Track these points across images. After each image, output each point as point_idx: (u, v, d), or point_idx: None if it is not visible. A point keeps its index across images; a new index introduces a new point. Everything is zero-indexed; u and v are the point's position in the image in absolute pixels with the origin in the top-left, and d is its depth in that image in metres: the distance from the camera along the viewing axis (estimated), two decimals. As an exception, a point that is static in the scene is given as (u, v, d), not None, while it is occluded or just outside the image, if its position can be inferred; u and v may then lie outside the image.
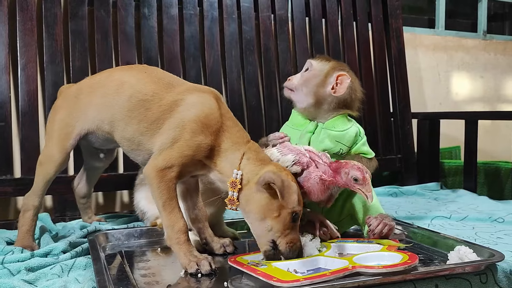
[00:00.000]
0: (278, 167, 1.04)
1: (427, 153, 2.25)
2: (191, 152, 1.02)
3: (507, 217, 1.51)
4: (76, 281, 1.01)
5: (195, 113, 1.05)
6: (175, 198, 1.03)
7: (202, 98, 1.08)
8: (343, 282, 0.89)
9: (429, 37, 2.68)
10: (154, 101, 1.09)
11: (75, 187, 1.46)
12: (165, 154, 1.03)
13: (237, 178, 1.01)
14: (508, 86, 2.97)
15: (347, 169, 1.07)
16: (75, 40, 1.71)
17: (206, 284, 0.97)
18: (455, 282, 0.96)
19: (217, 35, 1.94)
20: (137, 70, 1.19)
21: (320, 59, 1.32)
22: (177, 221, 1.02)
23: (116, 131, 1.15)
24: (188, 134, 1.03)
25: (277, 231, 1.00)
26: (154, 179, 1.02)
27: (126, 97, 1.12)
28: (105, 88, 1.17)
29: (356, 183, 1.07)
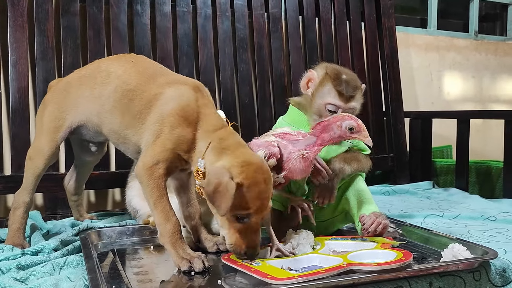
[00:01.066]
0: (237, 162, 0.96)
1: (419, 152, 2.26)
2: (172, 145, 1.02)
3: (499, 216, 1.52)
4: (68, 279, 1.00)
5: (172, 106, 1.05)
6: (165, 195, 1.03)
7: (179, 91, 1.08)
8: (338, 279, 0.89)
9: (422, 36, 2.69)
10: (136, 92, 1.09)
11: (66, 185, 1.45)
12: (150, 150, 1.03)
13: (199, 168, 1.00)
14: (498, 86, 2.99)
15: (338, 122, 1.06)
16: (66, 36, 1.70)
17: (199, 282, 0.96)
18: (449, 280, 0.96)
19: (211, 33, 1.93)
20: (124, 59, 1.19)
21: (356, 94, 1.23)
22: (169, 219, 1.01)
23: (103, 124, 1.15)
24: (167, 128, 1.03)
25: (222, 227, 0.99)
26: (144, 177, 1.02)
27: (112, 88, 1.12)
28: (93, 79, 1.17)
29: (352, 132, 1.05)
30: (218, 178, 0.93)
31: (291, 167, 1.07)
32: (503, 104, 3.00)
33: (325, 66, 1.26)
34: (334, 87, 1.19)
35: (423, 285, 0.94)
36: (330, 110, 1.20)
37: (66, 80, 1.25)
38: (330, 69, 1.24)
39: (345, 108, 1.20)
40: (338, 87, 1.19)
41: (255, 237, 0.99)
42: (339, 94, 1.19)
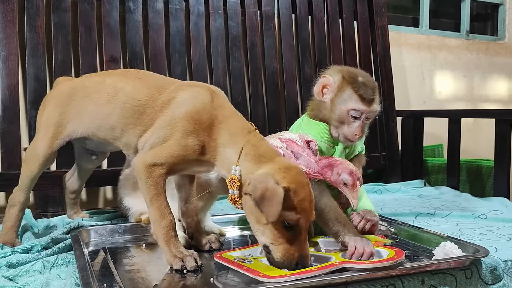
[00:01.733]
0: (278, 167, 0.93)
1: (411, 151, 2.27)
2: (181, 153, 1.00)
3: (489, 214, 1.53)
4: (59, 277, 0.99)
5: (186, 109, 1.01)
6: (163, 193, 1.01)
7: (193, 93, 1.05)
8: (331, 277, 0.89)
9: (414, 36, 2.70)
10: (148, 105, 1.06)
11: (66, 182, 1.44)
12: (155, 151, 1.01)
13: (235, 175, 0.96)
14: (489, 85, 3.01)
15: (340, 170, 1.06)
16: (57, 32, 1.68)
17: (191, 280, 0.95)
18: (441, 278, 0.97)
19: (203, 31, 1.93)
20: (130, 76, 1.15)
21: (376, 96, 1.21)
22: (165, 217, 1.00)
23: (115, 138, 1.12)
24: (179, 132, 1.00)
25: (268, 238, 0.93)
26: (143, 174, 1.00)
27: (121, 105, 1.09)
28: (99, 94, 1.14)
29: (344, 186, 1.05)
30: (264, 183, 0.90)
31: None
32: (494, 104, 3.02)
33: (339, 70, 1.22)
34: (354, 92, 1.16)
35: (415, 283, 0.95)
36: (353, 116, 1.17)
37: (73, 85, 1.21)
38: (346, 73, 1.19)
39: (368, 112, 1.17)
40: (359, 91, 1.16)
41: (305, 244, 0.94)
42: (361, 99, 1.16)
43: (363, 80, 1.18)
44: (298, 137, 1.14)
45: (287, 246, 0.91)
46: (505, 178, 1.84)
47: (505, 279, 1.03)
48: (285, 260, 0.91)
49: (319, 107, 1.25)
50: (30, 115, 1.62)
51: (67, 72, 1.65)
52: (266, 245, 0.94)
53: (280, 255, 0.92)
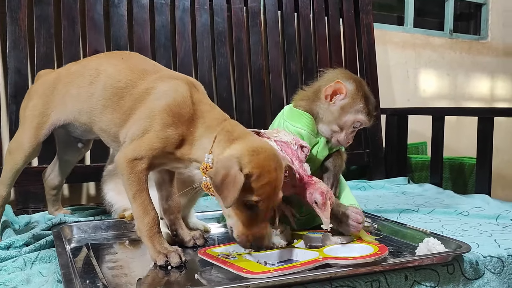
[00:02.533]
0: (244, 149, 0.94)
1: (395, 148, 2.29)
2: (160, 145, 0.99)
3: (471, 211, 1.55)
4: (40, 274, 0.98)
5: (166, 102, 1.01)
6: (145, 189, 1.00)
7: (174, 85, 1.04)
8: (315, 273, 0.89)
9: (398, 34, 2.72)
10: (127, 89, 1.06)
11: (46, 178, 1.42)
12: (135, 144, 1.00)
13: (208, 163, 0.97)
14: (472, 84, 3.05)
15: (312, 190, 1.07)
16: (40, 25, 1.65)
17: (175, 276, 0.95)
18: (424, 273, 0.98)
19: (189, 26, 1.91)
20: (115, 57, 1.15)
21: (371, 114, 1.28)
22: (148, 213, 0.99)
23: (93, 122, 1.12)
24: (158, 125, 0.99)
25: (231, 218, 0.96)
26: (125, 169, 0.99)
27: (101, 86, 1.09)
28: (82, 77, 1.13)
29: (316, 206, 1.06)
30: (226, 169, 0.91)
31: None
32: (476, 102, 3.07)
33: (353, 79, 1.27)
34: (365, 106, 1.25)
35: (398, 278, 0.95)
36: (354, 126, 1.25)
37: (56, 75, 1.21)
38: (359, 85, 1.26)
39: (367, 126, 1.28)
40: (369, 106, 1.25)
41: (263, 227, 0.96)
42: (368, 113, 1.26)
43: (370, 95, 1.28)
44: (293, 139, 1.15)
45: (244, 226, 0.95)
46: (487, 175, 1.86)
47: (486, 274, 1.04)
48: (240, 241, 0.96)
49: (315, 102, 1.27)
50: (11, 110, 1.59)
51: (49, 66, 1.63)
52: (230, 226, 0.97)
53: (237, 236, 0.96)
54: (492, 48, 3.10)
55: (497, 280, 1.05)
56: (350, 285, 0.91)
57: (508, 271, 1.07)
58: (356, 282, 0.92)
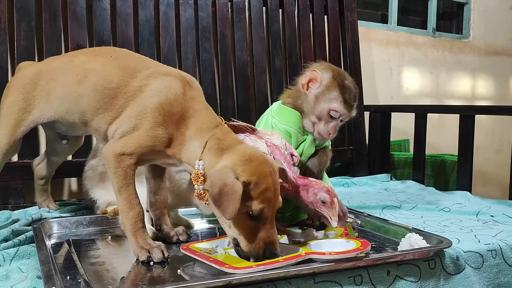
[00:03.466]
0: (239, 159, 0.92)
1: (378, 145, 2.30)
2: (149, 143, 0.98)
3: (452, 207, 1.57)
4: (19, 270, 0.96)
5: (159, 100, 0.99)
6: (132, 183, 0.99)
7: (167, 83, 1.02)
8: (299, 268, 0.89)
9: (382, 32, 2.74)
10: (119, 89, 1.03)
11: (35, 167, 1.39)
12: (125, 140, 0.99)
13: (199, 170, 0.95)
14: (454, 82, 3.08)
15: (316, 190, 1.06)
16: (20, 18, 1.62)
17: (158, 272, 0.94)
18: (406, 268, 0.99)
19: (173, 21, 1.90)
20: (101, 55, 1.11)
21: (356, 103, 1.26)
22: (133, 207, 0.98)
23: (85, 122, 1.08)
24: (149, 123, 0.98)
25: (234, 230, 0.93)
26: (112, 163, 0.98)
27: (91, 87, 1.05)
28: (66, 76, 1.09)
29: (323, 205, 1.06)
30: (222, 179, 0.88)
31: None
32: (458, 100, 3.10)
33: (331, 69, 1.25)
34: (340, 94, 1.21)
35: (381, 273, 0.96)
36: (332, 116, 1.22)
37: (36, 70, 1.16)
38: (336, 74, 1.24)
39: (346, 116, 1.23)
40: (344, 94, 1.21)
41: (272, 231, 0.92)
42: (344, 102, 1.21)
43: (349, 85, 1.23)
44: (284, 145, 1.14)
45: (253, 237, 0.91)
46: (468, 172, 1.89)
47: (466, 269, 1.05)
48: (252, 250, 0.91)
49: (299, 97, 1.27)
50: (-10, 104, 1.55)
51: (30, 59, 1.59)
52: (234, 238, 0.94)
53: (247, 246, 0.91)
54: (474, 47, 3.14)
55: (477, 275, 1.07)
56: (333, 280, 0.91)
57: (487, 266, 1.09)
58: (339, 277, 0.92)
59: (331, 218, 1.05)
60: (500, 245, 1.13)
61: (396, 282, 0.97)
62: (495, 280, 1.09)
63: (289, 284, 0.88)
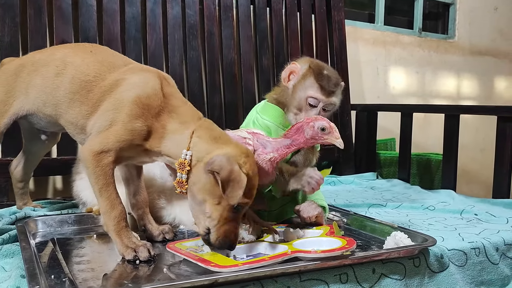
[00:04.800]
0: (238, 150, 0.95)
1: (364, 144, 2.32)
2: (128, 137, 0.97)
3: (437, 205, 1.59)
4: (2, 269, 0.95)
5: (136, 93, 0.99)
6: (112, 183, 0.98)
7: (144, 78, 1.03)
8: (285, 267, 0.89)
9: (369, 31, 2.76)
10: (96, 82, 1.03)
11: (13, 170, 1.37)
12: (102, 136, 0.98)
13: (185, 159, 0.96)
14: (439, 82, 3.11)
15: (311, 123, 1.06)
16: (4, 14, 1.60)
17: (144, 270, 0.94)
18: (391, 266, 0.99)
19: (160, 18, 1.89)
20: (83, 49, 1.12)
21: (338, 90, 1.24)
22: (115, 207, 0.97)
23: (59, 115, 1.09)
24: (127, 116, 0.97)
25: (213, 219, 0.94)
26: (90, 163, 0.97)
27: (69, 79, 1.06)
28: (47, 67, 1.10)
29: (324, 133, 1.06)
30: (231, 165, 0.90)
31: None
32: (443, 99, 3.14)
33: (309, 61, 1.26)
34: (316, 81, 1.20)
35: (366, 271, 0.97)
36: (310, 104, 1.21)
37: (19, 62, 1.17)
38: (313, 64, 1.24)
39: (326, 103, 1.21)
40: (320, 81, 1.20)
41: (238, 227, 0.97)
42: (321, 88, 1.20)
43: (328, 73, 1.22)
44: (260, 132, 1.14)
45: (226, 228, 0.94)
46: (453, 171, 1.91)
47: (450, 267, 1.07)
48: (222, 240, 0.94)
49: (283, 92, 1.28)
50: (-27, 100, 1.53)
51: (14, 55, 1.57)
52: (208, 227, 0.95)
53: (218, 237, 0.94)
54: (459, 47, 3.18)
55: (461, 272, 1.08)
56: (319, 278, 0.92)
57: (471, 264, 1.10)
58: (325, 275, 0.93)
59: (336, 142, 1.06)
60: (483, 243, 1.14)
61: (381, 280, 0.98)
62: (478, 278, 1.11)
63: (275, 282, 0.88)
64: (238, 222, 0.97)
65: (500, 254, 1.16)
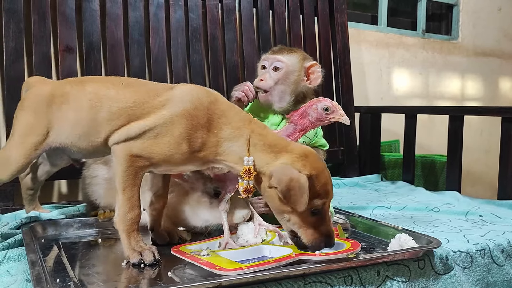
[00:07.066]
0: (295, 156, 0.94)
1: (368, 146, 2.31)
2: (176, 151, 0.96)
3: (442, 207, 1.58)
4: (8, 273, 0.95)
5: (183, 106, 0.97)
6: (138, 185, 0.98)
7: (187, 89, 1.01)
8: (289, 269, 0.89)
9: (372, 33, 2.75)
10: (136, 108, 0.99)
11: (23, 177, 1.33)
12: (146, 143, 0.96)
13: (250, 165, 0.95)
14: (443, 83, 3.11)
15: (314, 105, 1.07)
16: (9, 20, 1.61)
17: (149, 274, 0.94)
18: (395, 268, 0.99)
19: (163, 22, 1.89)
20: (113, 82, 1.06)
21: (285, 52, 1.28)
22: (133, 209, 0.97)
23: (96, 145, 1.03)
24: (177, 130, 0.95)
25: (294, 223, 0.94)
26: (124, 162, 0.95)
27: (106, 109, 1.01)
28: (79, 101, 1.04)
29: (328, 113, 1.06)
30: (287, 175, 0.90)
31: None
32: (447, 101, 3.13)
33: None
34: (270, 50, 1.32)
35: (371, 274, 0.96)
36: (263, 66, 1.29)
37: (51, 91, 1.08)
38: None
39: (272, 60, 1.27)
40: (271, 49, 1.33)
41: (329, 224, 0.96)
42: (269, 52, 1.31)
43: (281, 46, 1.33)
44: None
45: (314, 231, 0.94)
46: (457, 172, 1.90)
47: (455, 269, 1.06)
48: (314, 244, 0.94)
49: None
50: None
51: (19, 61, 1.59)
52: (293, 231, 0.95)
53: (308, 240, 0.94)
54: (463, 48, 3.17)
55: (466, 274, 1.08)
56: (323, 281, 0.92)
57: (476, 266, 1.10)
58: (329, 278, 0.93)
59: (342, 119, 1.07)
60: (488, 245, 1.14)
61: (386, 282, 0.97)
62: (484, 280, 1.10)
63: (280, 285, 0.88)
64: (326, 223, 0.95)
65: (505, 256, 1.15)
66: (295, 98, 1.27)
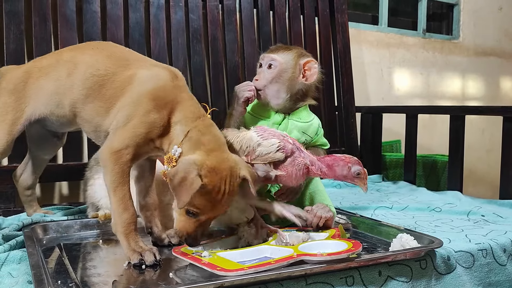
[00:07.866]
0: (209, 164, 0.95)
1: (369, 146, 2.31)
2: (145, 130, 0.99)
3: (443, 207, 1.58)
4: (10, 275, 0.95)
5: (148, 87, 1.02)
6: (127, 183, 0.99)
7: (154, 72, 1.06)
8: (290, 270, 0.89)
9: (373, 33, 2.75)
10: (107, 77, 1.06)
11: (18, 178, 1.37)
12: (119, 134, 1.00)
13: (174, 155, 0.99)
14: (444, 83, 3.10)
15: (350, 164, 1.08)
16: (9, 21, 1.61)
17: (150, 275, 0.94)
18: (397, 268, 0.99)
19: (163, 23, 1.89)
20: (88, 47, 1.15)
21: (280, 51, 1.29)
22: (127, 209, 0.98)
23: (75, 113, 1.11)
24: (141, 110, 1.00)
25: (175, 212, 0.99)
26: (109, 161, 0.98)
27: (81, 76, 1.08)
28: (57, 70, 1.12)
29: (357, 177, 1.08)
30: (185, 173, 0.92)
31: (291, 171, 1.07)
32: (448, 100, 3.13)
33: None
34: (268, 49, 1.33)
35: (372, 274, 0.96)
36: (260, 64, 1.29)
37: (25, 70, 1.19)
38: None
39: (267, 58, 1.27)
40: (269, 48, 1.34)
41: (199, 229, 0.98)
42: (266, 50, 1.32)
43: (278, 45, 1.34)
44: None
45: (184, 224, 0.97)
46: (459, 172, 1.90)
47: (457, 269, 1.06)
48: (177, 232, 0.99)
49: None
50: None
51: (19, 63, 1.58)
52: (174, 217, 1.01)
53: (175, 228, 0.99)
54: (464, 48, 3.17)
55: (468, 274, 1.08)
56: (325, 281, 0.92)
57: (478, 266, 1.10)
58: (331, 278, 0.92)
59: (364, 186, 1.09)
60: (490, 245, 1.14)
61: (387, 282, 0.97)
62: (486, 279, 1.10)
63: (281, 286, 0.88)
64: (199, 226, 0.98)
65: (507, 255, 1.15)
66: (293, 95, 1.27)
